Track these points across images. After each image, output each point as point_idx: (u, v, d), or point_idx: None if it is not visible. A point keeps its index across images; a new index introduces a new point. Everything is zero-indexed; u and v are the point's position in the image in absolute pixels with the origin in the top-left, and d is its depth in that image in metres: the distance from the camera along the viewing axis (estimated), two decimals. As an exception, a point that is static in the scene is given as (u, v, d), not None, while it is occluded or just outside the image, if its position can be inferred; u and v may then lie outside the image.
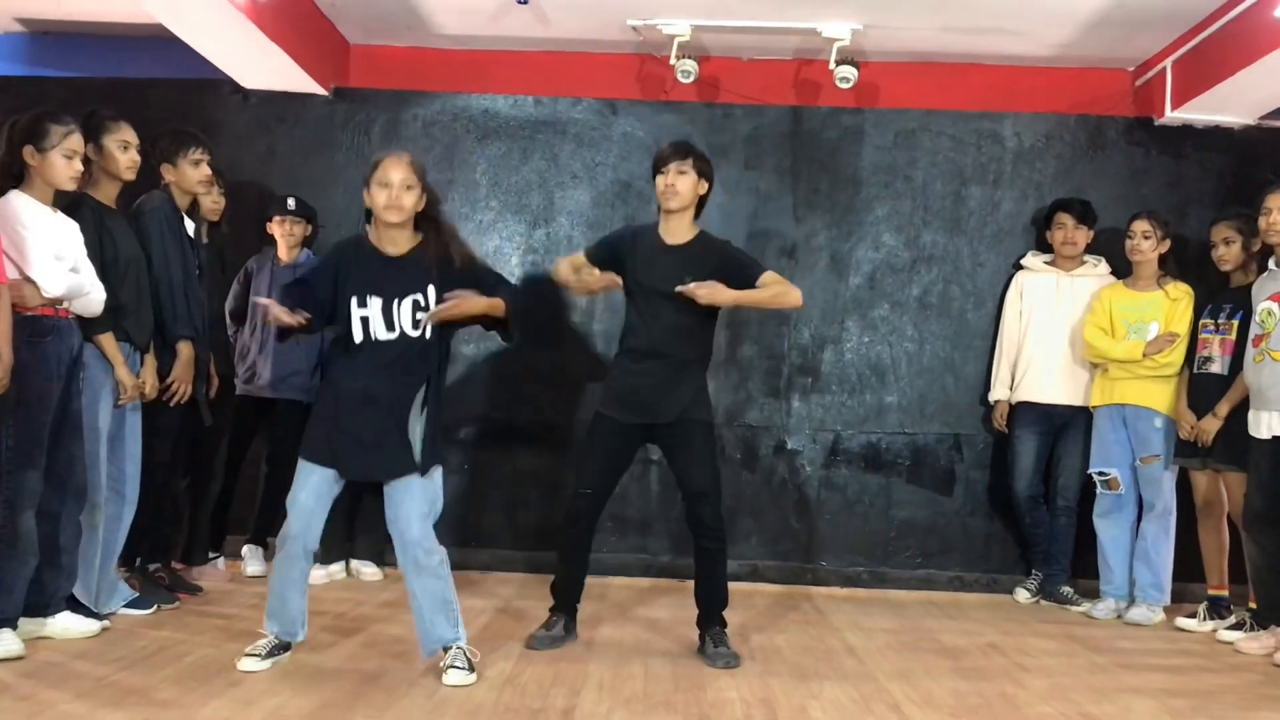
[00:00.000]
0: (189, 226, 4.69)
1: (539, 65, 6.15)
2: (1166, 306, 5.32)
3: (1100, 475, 5.45)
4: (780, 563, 5.99)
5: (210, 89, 6.03)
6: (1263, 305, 4.66)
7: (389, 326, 3.64)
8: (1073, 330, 5.62)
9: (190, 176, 4.65)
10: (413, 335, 3.65)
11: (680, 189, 4.14)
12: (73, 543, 4.03)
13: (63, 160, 3.89)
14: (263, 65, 5.64)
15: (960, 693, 3.81)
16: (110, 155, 4.25)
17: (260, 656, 3.68)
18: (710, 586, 4.23)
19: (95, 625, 4.06)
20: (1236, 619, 4.95)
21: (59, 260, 3.88)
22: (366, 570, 5.57)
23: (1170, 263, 5.46)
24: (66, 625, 3.98)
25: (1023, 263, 5.86)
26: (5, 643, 3.66)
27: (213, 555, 5.38)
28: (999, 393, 5.82)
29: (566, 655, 4.10)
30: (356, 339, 3.65)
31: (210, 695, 3.37)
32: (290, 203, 5.57)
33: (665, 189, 4.15)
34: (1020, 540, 5.91)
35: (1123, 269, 5.60)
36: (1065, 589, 5.61)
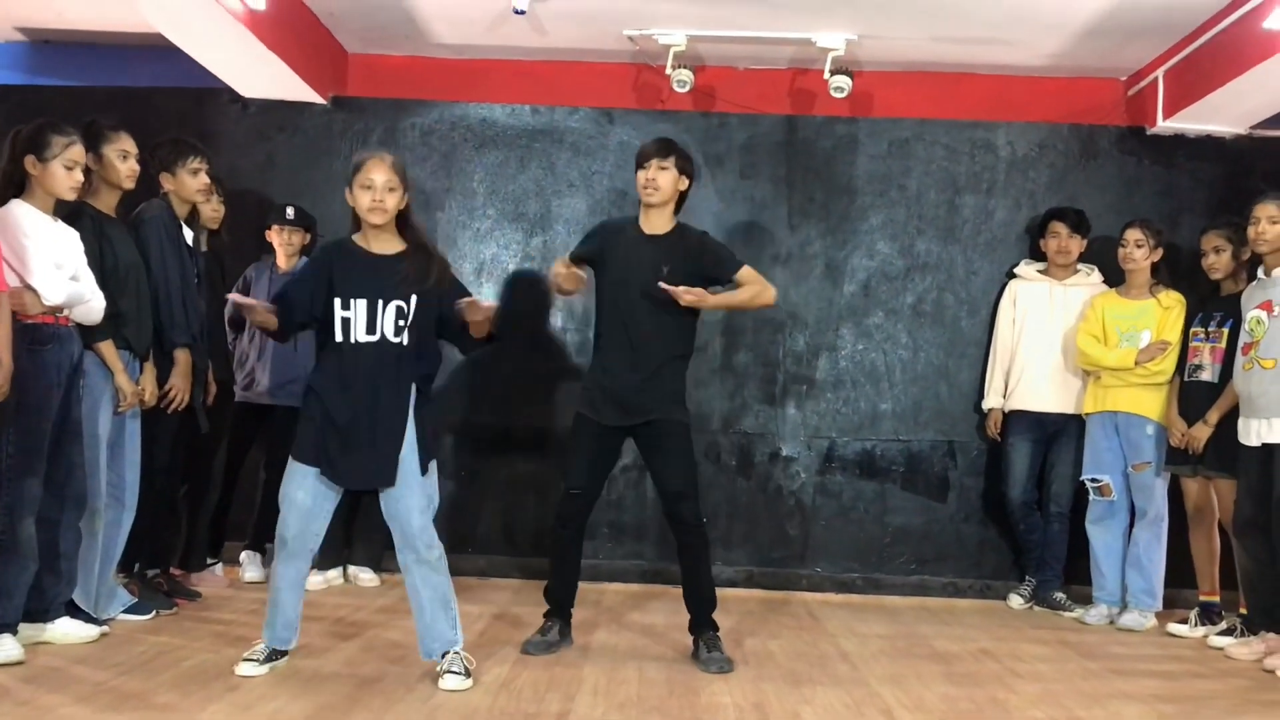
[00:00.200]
0: (188, 235, 4.72)
1: (536, 74, 6.19)
2: (1159, 315, 5.36)
3: (1093, 482, 5.48)
4: (775, 569, 6.03)
5: (209, 98, 6.07)
6: (1252, 314, 4.69)
7: (370, 329, 3.66)
8: (1066, 339, 5.66)
9: (189, 185, 4.69)
10: (392, 340, 3.68)
11: (661, 184, 4.20)
12: (72, 549, 4.06)
13: (63, 170, 3.93)
14: (262, 74, 5.68)
15: (952, 698, 3.84)
16: (110, 164, 4.29)
17: (258, 661, 3.70)
18: (696, 584, 4.24)
19: (94, 631, 4.08)
20: (1227, 625, 4.97)
21: (59, 268, 3.91)
22: (364, 576, 5.61)
23: (1163, 271, 5.49)
24: (66, 630, 4.01)
25: (1016, 271, 5.89)
26: (5, 648, 3.68)
27: (211, 561, 5.41)
28: (993, 401, 5.86)
29: (561, 660, 4.14)
30: (336, 339, 3.68)
31: (209, 700, 3.40)
32: (289, 212, 5.61)
33: (646, 183, 4.21)
34: (1014, 546, 5.93)
35: (1115, 277, 5.63)
36: (1058, 595, 5.64)
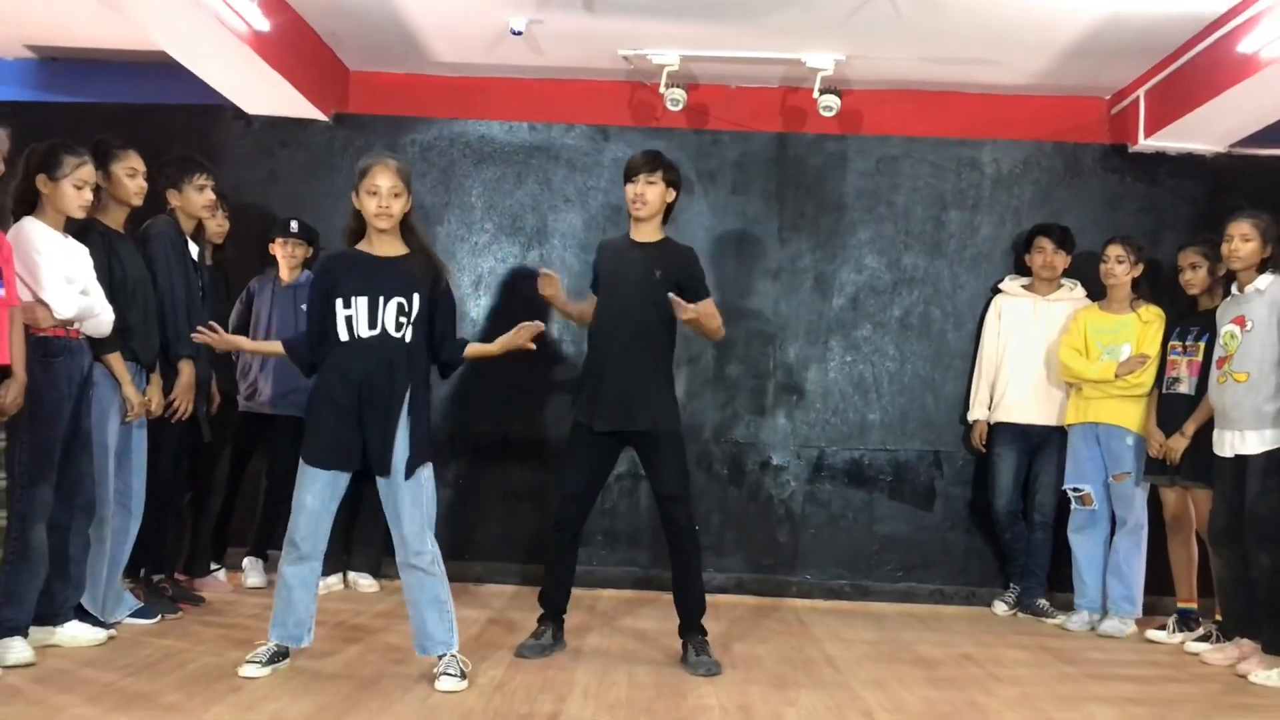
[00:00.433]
0: (193, 250, 4.85)
1: (533, 92, 6.33)
2: (1139, 329, 5.49)
3: (1074, 491, 5.61)
4: (765, 575, 6.15)
5: (214, 114, 6.20)
6: (1226, 328, 4.81)
7: (371, 324, 3.80)
8: (1049, 352, 5.78)
9: (195, 201, 4.83)
10: (394, 335, 3.82)
11: (649, 198, 4.35)
12: (81, 554, 4.18)
13: (73, 190, 4.06)
14: (265, 92, 5.81)
15: (931, 701, 3.97)
16: (119, 182, 4.42)
17: (260, 663, 3.83)
18: (686, 587, 4.37)
19: (102, 634, 4.20)
20: (1204, 631, 5.10)
21: (70, 283, 4.04)
22: (363, 582, 5.73)
23: (1143, 286, 5.62)
24: (75, 634, 4.13)
25: (1001, 286, 6.02)
26: (17, 650, 3.80)
27: (214, 567, 5.53)
28: (978, 413, 5.98)
29: (555, 663, 4.26)
30: (341, 337, 3.82)
31: (213, 700, 3.52)
32: (293, 225, 5.73)
33: (635, 198, 4.37)
34: (999, 554, 6.06)
35: (1098, 292, 5.76)
36: (1041, 602, 5.76)
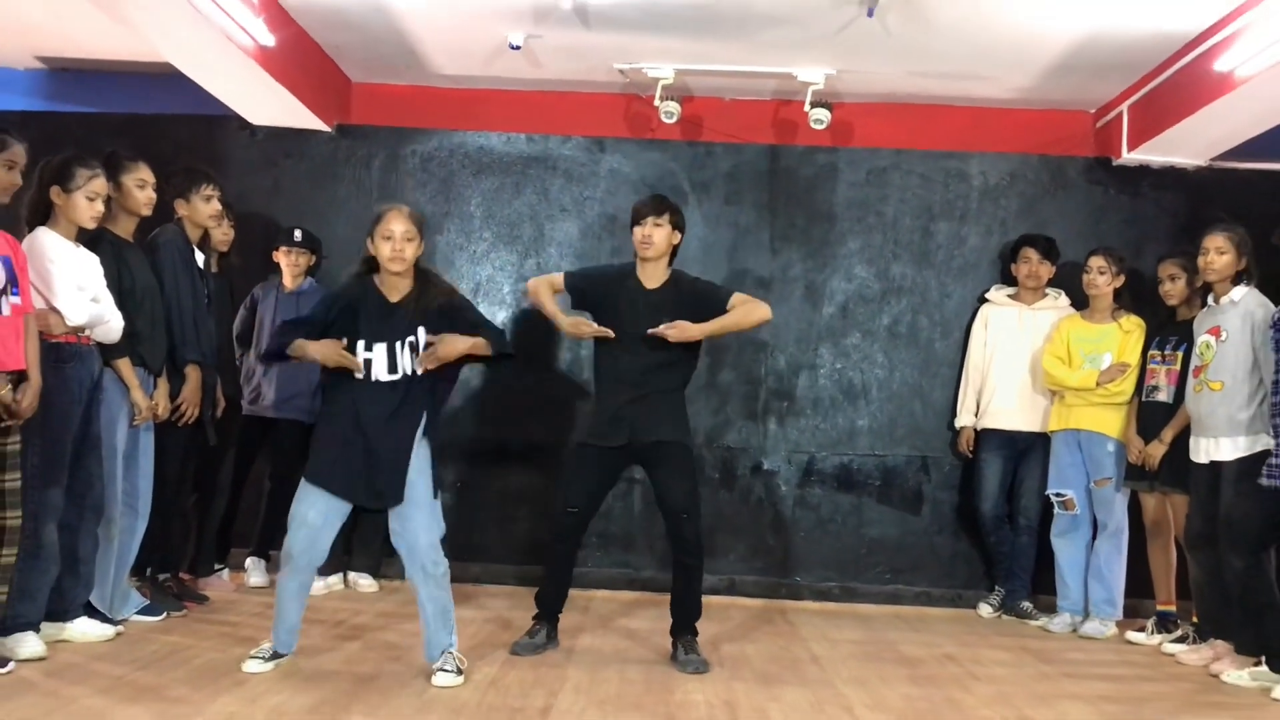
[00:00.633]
0: (199, 258, 5.00)
1: (531, 104, 6.48)
2: (1119, 338, 5.62)
3: (1057, 496, 5.74)
4: (757, 578, 6.29)
5: (219, 124, 6.35)
6: (1202, 339, 4.94)
7: (391, 369, 3.97)
8: (1034, 360, 5.91)
9: (202, 211, 4.98)
10: (411, 374, 3.98)
11: (655, 240, 4.52)
12: (90, 553, 4.33)
13: (85, 202, 4.20)
14: (269, 104, 5.95)
15: (911, 698, 4.10)
16: (129, 193, 4.56)
17: (263, 659, 3.98)
18: (685, 599, 4.55)
19: (110, 630, 4.34)
20: (1182, 632, 5.24)
21: (81, 291, 4.19)
22: (363, 582, 5.86)
23: (1125, 296, 5.75)
24: (84, 630, 4.27)
25: (987, 296, 6.16)
26: (30, 644, 3.95)
27: (218, 567, 5.66)
28: (965, 420, 6.12)
29: (548, 661, 4.40)
30: (357, 376, 3.96)
31: (218, 693, 3.66)
32: (297, 234, 5.86)
33: (642, 240, 4.53)
34: (984, 557, 6.20)
35: (1083, 301, 5.89)
36: (1025, 604, 5.90)
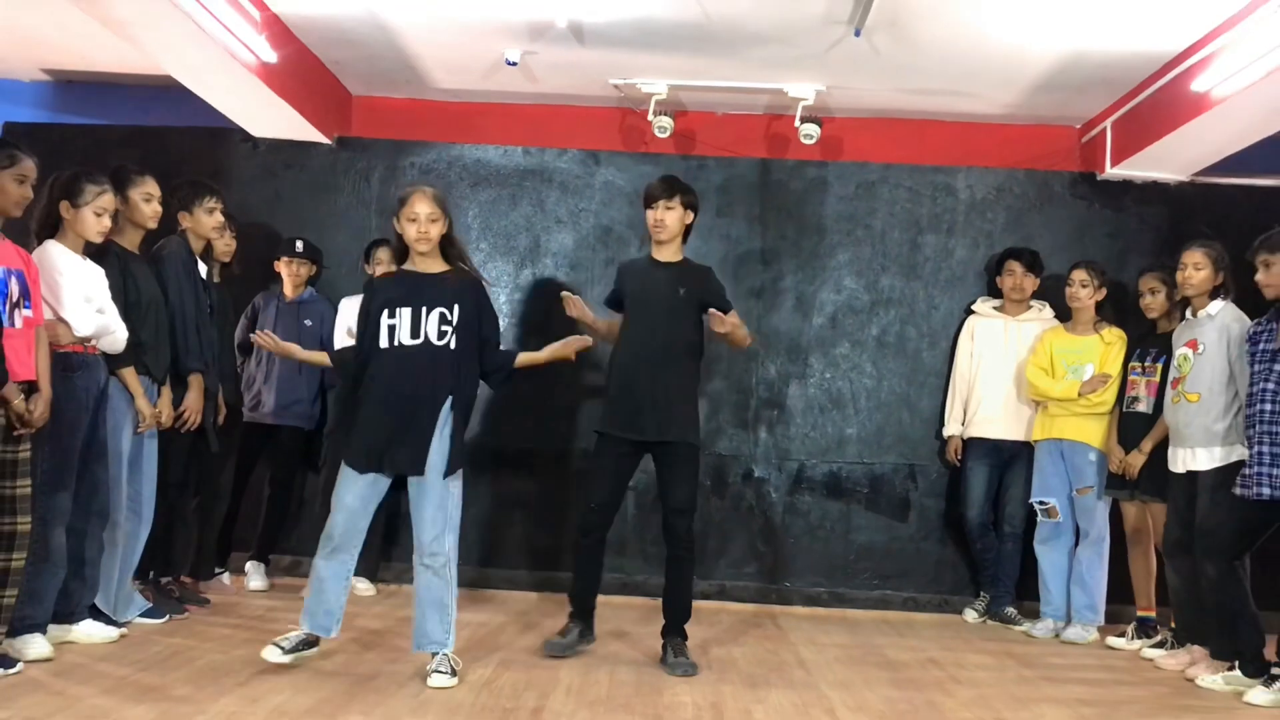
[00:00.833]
0: (202, 269, 5.12)
1: (527, 118, 6.62)
2: (1101, 350, 5.75)
3: (1040, 504, 5.86)
4: (747, 583, 6.41)
5: (222, 137, 6.47)
6: (1180, 351, 5.08)
7: (414, 333, 4.07)
8: (1019, 371, 6.03)
9: (205, 223, 5.10)
10: (438, 343, 4.08)
11: (668, 223, 4.63)
12: (96, 557, 4.44)
13: (93, 217, 4.33)
14: (271, 117, 6.09)
15: (892, 700, 4.22)
16: (135, 206, 4.67)
17: (284, 649, 4.06)
18: (677, 592, 4.65)
19: (114, 632, 4.46)
20: (1161, 638, 5.36)
21: (88, 302, 4.31)
22: (360, 585, 5.93)
23: (1107, 308, 5.88)
24: (89, 631, 4.39)
25: (974, 308, 6.29)
26: (36, 646, 4.06)
27: (219, 570, 5.77)
28: (952, 429, 6.24)
29: (541, 663, 4.51)
30: (381, 344, 4.09)
31: (220, 693, 3.78)
32: (299, 245, 5.99)
33: (655, 223, 4.65)
34: (970, 564, 6.32)
35: (1066, 313, 6.01)
36: (1009, 610, 6.02)
